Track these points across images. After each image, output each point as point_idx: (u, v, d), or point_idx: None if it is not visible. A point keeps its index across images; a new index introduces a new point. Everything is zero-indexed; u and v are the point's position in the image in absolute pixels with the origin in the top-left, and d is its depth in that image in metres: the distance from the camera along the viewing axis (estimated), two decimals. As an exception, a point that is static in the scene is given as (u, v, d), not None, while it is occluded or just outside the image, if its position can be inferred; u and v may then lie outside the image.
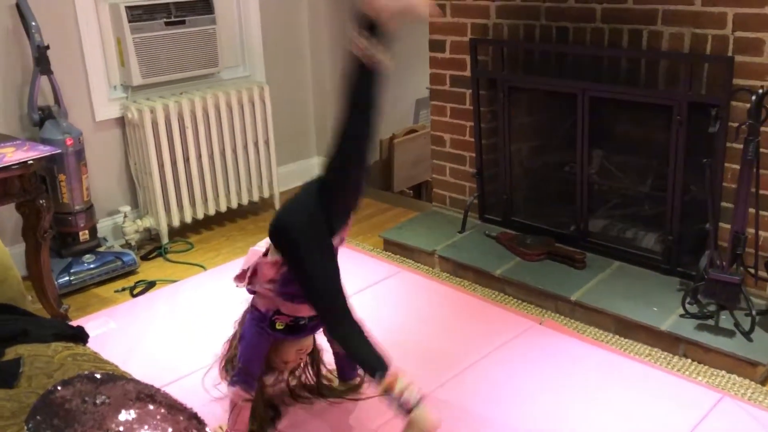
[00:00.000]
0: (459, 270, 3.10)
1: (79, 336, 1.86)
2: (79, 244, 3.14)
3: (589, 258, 2.94)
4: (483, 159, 3.31)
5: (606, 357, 2.44)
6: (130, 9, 3.24)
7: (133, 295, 3.04)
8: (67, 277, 3.02)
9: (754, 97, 2.31)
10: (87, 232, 3.16)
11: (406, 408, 1.70)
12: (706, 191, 2.51)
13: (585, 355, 2.45)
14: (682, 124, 2.59)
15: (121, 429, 1.17)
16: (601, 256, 2.97)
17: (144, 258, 3.39)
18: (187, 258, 3.40)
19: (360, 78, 1.70)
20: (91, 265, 3.11)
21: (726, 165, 2.55)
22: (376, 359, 1.76)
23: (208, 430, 1.28)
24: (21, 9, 2.91)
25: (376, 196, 4.08)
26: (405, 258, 3.30)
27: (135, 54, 3.28)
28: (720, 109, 2.45)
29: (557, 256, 2.98)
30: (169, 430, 1.20)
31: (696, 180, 2.64)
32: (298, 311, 1.95)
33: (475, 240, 3.24)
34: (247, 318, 2.03)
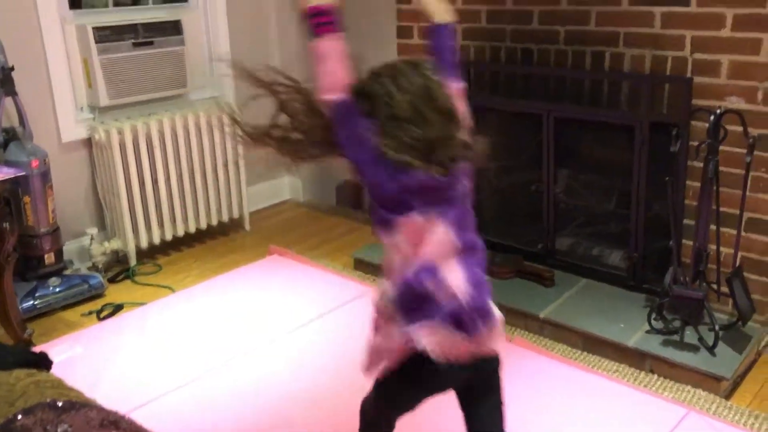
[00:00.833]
0: (429, 289, 3.11)
1: (43, 362, 1.82)
2: (45, 267, 3.08)
3: (558, 275, 2.97)
4: (452, 178, 3.33)
5: (574, 374, 2.46)
6: (97, 30, 3.22)
7: (100, 319, 2.99)
8: (32, 302, 2.97)
9: (712, 117, 2.37)
10: (53, 254, 3.10)
11: None
12: (668, 209, 2.56)
13: (553, 372, 2.48)
14: (644, 143, 2.65)
15: (84, 457, 1.15)
16: (569, 273, 3.00)
17: (111, 281, 3.34)
18: (156, 280, 3.37)
19: None
20: (57, 289, 3.05)
21: (687, 183, 2.62)
22: None
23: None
24: (-15, 30, 2.88)
25: (346, 215, 4.08)
26: (376, 277, 3.31)
27: (102, 75, 3.26)
28: (680, 129, 2.51)
29: (526, 274, 3.01)
30: (133, 457, 1.18)
31: (659, 198, 2.70)
32: None
33: (445, 259, 3.25)
34: None
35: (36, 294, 2.99)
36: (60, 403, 1.32)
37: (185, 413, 2.21)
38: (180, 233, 3.62)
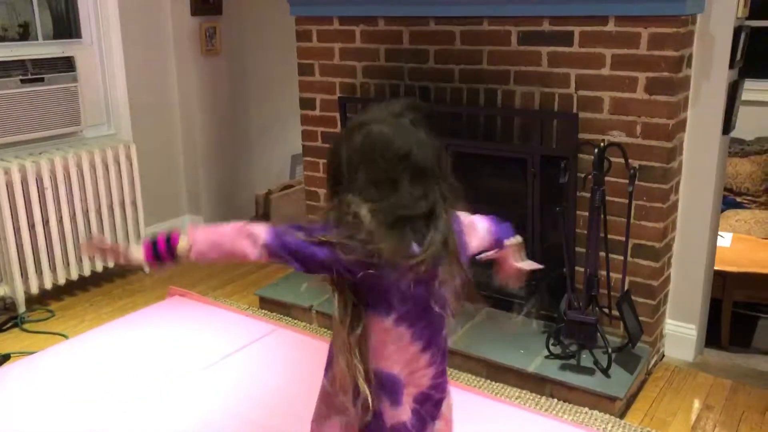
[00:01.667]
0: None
1: None
2: None
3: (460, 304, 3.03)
4: (356, 213, 3.35)
5: (478, 402, 2.50)
6: (-19, 66, 3.08)
7: (-16, 371, 2.80)
8: None
9: (596, 150, 2.51)
10: (-70, 304, 2.89)
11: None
12: (561, 237, 2.68)
13: (459, 401, 2.49)
14: (536, 175, 2.77)
15: None
16: (471, 302, 3.07)
17: (-3, 329, 3.14)
18: (48, 327, 3.19)
19: None
20: (-65, 341, 2.84)
21: (578, 213, 2.74)
22: None
23: None
24: None
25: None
26: (282, 315, 3.26)
27: (-13, 113, 3.11)
28: (568, 162, 2.64)
29: (430, 305, 3.04)
30: None
31: (552, 227, 2.82)
32: None
33: (351, 293, 3.25)
34: None
35: None
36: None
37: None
38: (74, 276, 3.45)
